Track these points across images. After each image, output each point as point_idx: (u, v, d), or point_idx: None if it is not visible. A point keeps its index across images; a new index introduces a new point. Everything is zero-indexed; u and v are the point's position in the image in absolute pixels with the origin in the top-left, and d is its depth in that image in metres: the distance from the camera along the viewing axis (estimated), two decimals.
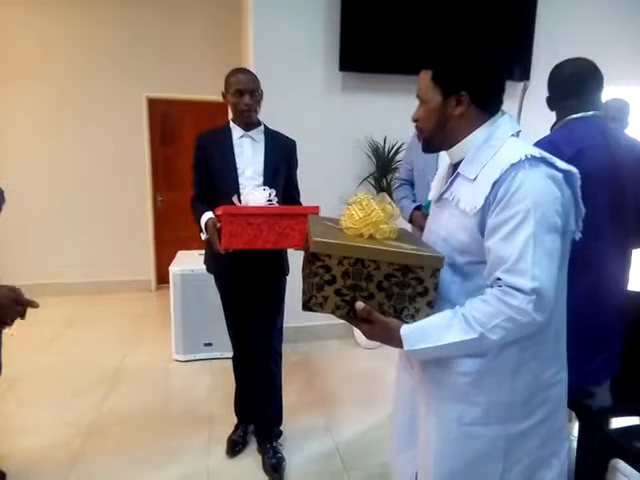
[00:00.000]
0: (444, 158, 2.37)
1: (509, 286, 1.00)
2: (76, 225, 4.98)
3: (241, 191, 2.12)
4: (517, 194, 1.01)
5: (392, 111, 3.70)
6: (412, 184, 2.58)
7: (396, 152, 3.63)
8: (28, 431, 2.57)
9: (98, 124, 4.89)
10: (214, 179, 2.20)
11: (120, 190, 5.03)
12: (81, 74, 4.78)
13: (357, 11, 3.47)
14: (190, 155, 2.20)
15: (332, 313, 1.15)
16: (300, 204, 2.32)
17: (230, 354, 3.47)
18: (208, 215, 2.07)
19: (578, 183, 1.09)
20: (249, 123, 2.19)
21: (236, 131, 2.21)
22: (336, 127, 3.64)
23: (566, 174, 1.07)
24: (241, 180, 2.16)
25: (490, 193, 1.05)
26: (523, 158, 1.02)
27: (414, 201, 2.52)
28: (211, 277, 3.38)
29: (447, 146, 1.20)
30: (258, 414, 2.41)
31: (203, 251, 3.90)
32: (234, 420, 2.57)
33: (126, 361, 3.43)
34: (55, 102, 4.78)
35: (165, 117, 5.15)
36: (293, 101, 3.56)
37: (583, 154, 1.55)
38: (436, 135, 1.20)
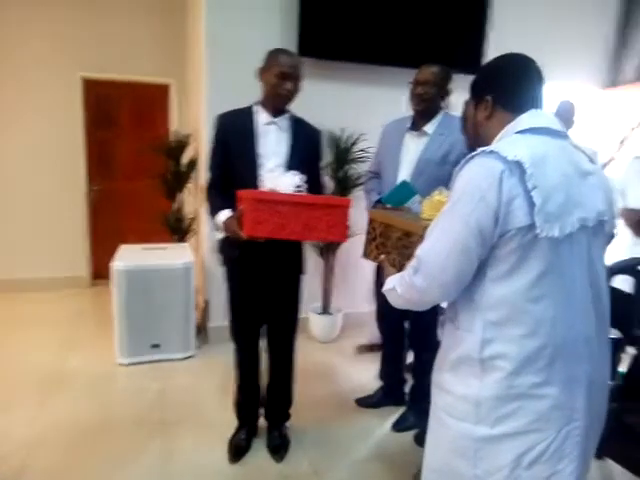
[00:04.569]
0: (407, 152, 2.35)
1: None
2: (2, 216, 4.51)
3: (261, 183, 1.98)
4: (456, 182, 1.14)
5: (351, 101, 3.62)
6: (381, 176, 2.50)
7: (353, 143, 3.55)
8: None
9: (27, 106, 4.43)
10: (233, 166, 2.04)
11: (51, 179, 4.60)
12: (7, 51, 4.31)
13: None
14: (129, 141, 2.02)
15: (373, 260, 1.71)
16: None
17: (180, 355, 3.33)
18: (226, 214, 1.96)
19: (526, 174, 1.04)
20: (281, 109, 2.05)
21: (262, 116, 2.05)
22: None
23: (514, 165, 1.05)
24: (261, 171, 2.01)
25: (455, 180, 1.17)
26: (479, 152, 1.10)
27: (379, 193, 2.44)
28: (159, 273, 3.19)
29: None
30: (272, 399, 2.37)
31: (147, 245, 3.68)
32: (190, 426, 2.41)
33: (64, 365, 3.12)
34: None
35: (102, 99, 4.76)
36: (247, 86, 3.36)
37: None
38: (476, 142, 1.27)
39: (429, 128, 2.27)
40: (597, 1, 4.18)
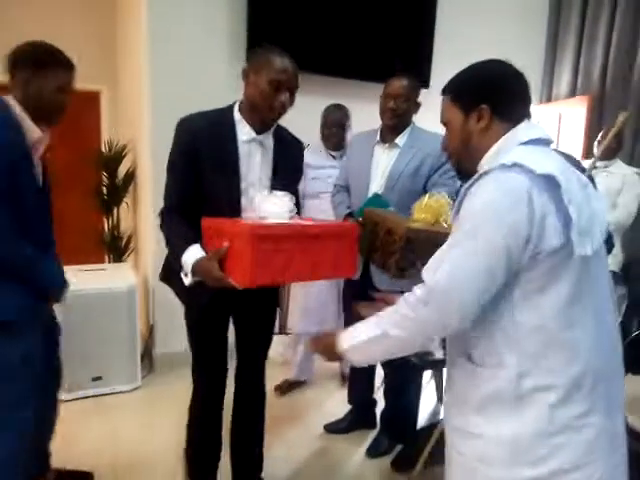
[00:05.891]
0: (378, 165, 2.27)
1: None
2: None
3: (244, 213, 1.64)
4: (467, 201, 1.02)
5: (301, 112, 3.49)
6: (348, 190, 2.41)
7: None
8: None
9: None
10: (205, 191, 1.62)
11: None
12: None
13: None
14: (55, 152, 1.74)
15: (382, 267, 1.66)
16: None
17: (126, 388, 3.01)
18: (196, 253, 1.49)
19: (561, 188, 0.96)
20: (270, 125, 1.68)
21: (243, 131, 1.64)
22: None
23: (542, 179, 0.96)
24: (243, 201, 1.65)
25: (463, 199, 1.05)
26: (495, 167, 1.00)
27: (348, 207, 2.34)
28: (101, 298, 2.88)
29: (477, 164, 1.14)
30: (239, 462, 2.01)
31: (82, 266, 3.32)
32: (147, 471, 2.14)
33: None
34: None
35: None
36: (193, 94, 3.16)
37: None
38: (462, 155, 1.17)
39: (400, 141, 2.21)
40: (529, 22, 4.38)
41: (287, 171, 1.75)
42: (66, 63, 1.66)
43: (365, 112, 3.12)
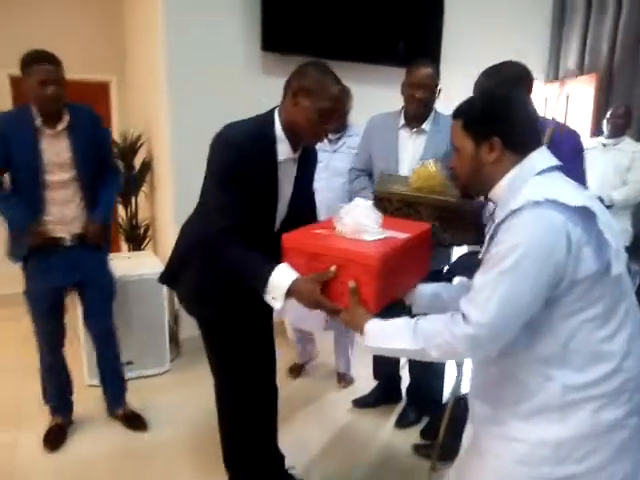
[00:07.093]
0: (405, 147, 2.32)
1: (463, 313, 1.06)
2: None
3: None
4: (507, 234, 1.04)
5: None
6: (369, 174, 2.46)
7: None
8: None
9: None
10: (247, 211, 1.51)
11: None
12: None
13: None
14: None
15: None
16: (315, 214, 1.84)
17: (156, 371, 3.11)
18: (290, 273, 1.35)
19: (597, 218, 1.02)
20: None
21: (283, 150, 1.55)
22: (256, 112, 3.35)
23: (577, 212, 1.01)
24: (277, 222, 1.64)
25: (494, 234, 1.09)
26: (526, 203, 1.02)
27: (373, 192, 2.39)
28: (130, 284, 2.96)
29: (487, 190, 1.21)
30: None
31: (120, 254, 3.38)
32: (187, 444, 2.23)
33: (26, 394, 2.80)
34: None
35: None
36: (208, 82, 3.20)
37: None
38: (473, 182, 1.22)
39: (426, 126, 2.27)
40: (535, 4, 4.40)
41: (307, 177, 1.73)
42: (48, 59, 2.07)
43: (375, 95, 3.18)
